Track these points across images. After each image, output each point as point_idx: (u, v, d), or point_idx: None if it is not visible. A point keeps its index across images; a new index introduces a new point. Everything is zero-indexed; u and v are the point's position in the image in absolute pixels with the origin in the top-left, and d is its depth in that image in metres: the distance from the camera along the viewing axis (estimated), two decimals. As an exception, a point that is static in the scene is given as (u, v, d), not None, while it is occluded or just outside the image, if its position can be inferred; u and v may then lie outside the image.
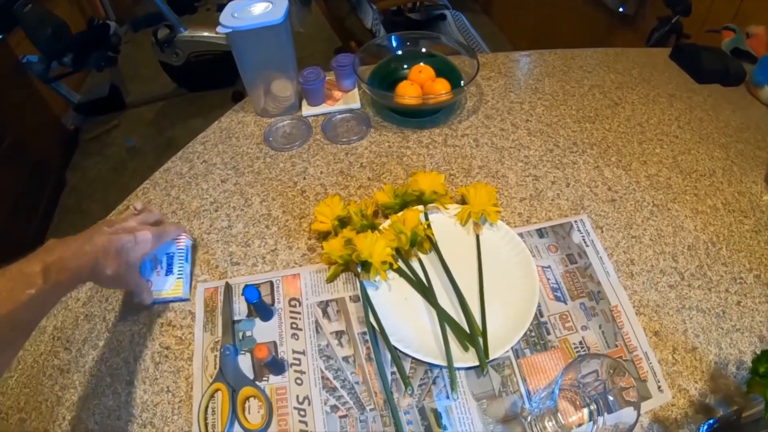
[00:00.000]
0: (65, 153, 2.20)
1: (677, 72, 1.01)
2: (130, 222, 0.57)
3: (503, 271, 0.63)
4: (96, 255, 0.49)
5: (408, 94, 0.82)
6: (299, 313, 0.60)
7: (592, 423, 0.47)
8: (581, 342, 0.58)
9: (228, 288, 0.62)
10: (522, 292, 0.60)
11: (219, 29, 0.74)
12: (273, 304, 0.61)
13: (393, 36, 0.93)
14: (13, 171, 1.77)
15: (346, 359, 0.56)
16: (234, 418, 0.52)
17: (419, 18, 2.05)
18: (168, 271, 0.62)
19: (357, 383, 0.54)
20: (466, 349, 0.55)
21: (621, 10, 1.75)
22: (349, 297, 0.62)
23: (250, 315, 0.60)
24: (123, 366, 0.57)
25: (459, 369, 0.55)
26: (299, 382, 0.55)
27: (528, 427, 0.50)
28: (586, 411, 0.47)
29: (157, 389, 0.55)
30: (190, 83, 2.47)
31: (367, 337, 0.57)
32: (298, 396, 0.54)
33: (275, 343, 0.58)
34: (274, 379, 0.55)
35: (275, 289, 0.63)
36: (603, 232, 0.69)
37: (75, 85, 2.41)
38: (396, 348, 0.55)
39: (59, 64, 1.97)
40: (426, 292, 0.60)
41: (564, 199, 0.73)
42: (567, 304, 0.61)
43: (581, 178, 0.76)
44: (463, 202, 0.69)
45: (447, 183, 0.75)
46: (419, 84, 0.84)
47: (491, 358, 0.54)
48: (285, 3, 0.76)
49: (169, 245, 0.63)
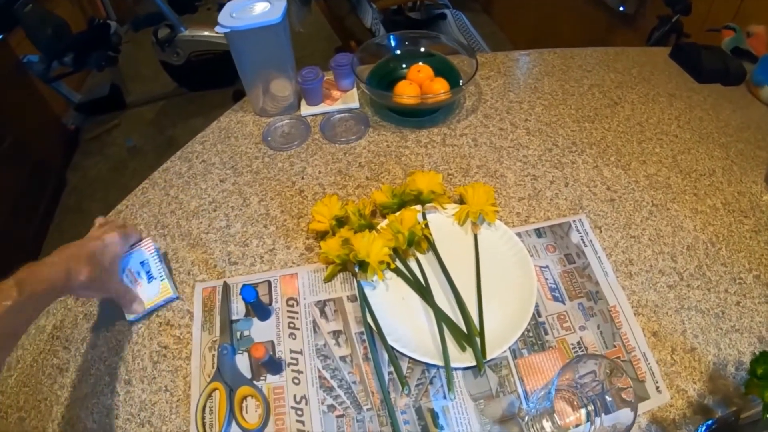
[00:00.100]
0: (66, 153, 2.20)
1: (677, 71, 1.00)
2: (94, 232, 0.59)
3: (501, 271, 0.63)
4: (67, 263, 0.50)
5: (406, 93, 0.82)
6: (297, 313, 0.60)
7: (589, 423, 0.46)
8: (579, 342, 0.57)
9: (226, 287, 0.62)
10: (520, 292, 0.60)
11: (217, 29, 0.74)
12: (271, 303, 0.61)
13: (392, 35, 0.93)
14: (14, 170, 1.77)
15: (343, 359, 0.56)
16: (231, 417, 0.52)
17: (419, 17, 2.04)
18: (149, 278, 0.61)
19: (354, 383, 0.54)
20: (463, 349, 0.55)
21: (621, 9, 1.75)
22: (347, 297, 0.62)
23: (247, 314, 0.60)
24: (121, 365, 0.57)
25: (456, 369, 0.55)
26: (296, 381, 0.55)
27: (525, 428, 0.50)
28: (583, 411, 0.47)
29: (155, 388, 0.55)
30: (190, 83, 2.47)
31: (365, 337, 0.57)
32: (295, 395, 0.54)
33: (273, 343, 0.58)
34: (271, 379, 0.55)
35: (273, 289, 0.63)
36: (602, 231, 0.69)
37: (75, 85, 2.41)
38: (393, 348, 0.55)
39: (60, 63, 1.97)
40: (423, 291, 0.60)
41: (562, 199, 0.73)
42: (565, 304, 0.61)
43: (580, 177, 0.76)
44: (462, 201, 0.69)
45: (445, 183, 0.75)
46: (418, 83, 0.84)
47: (489, 358, 0.54)
48: (283, 3, 0.76)
49: (141, 254, 0.63)
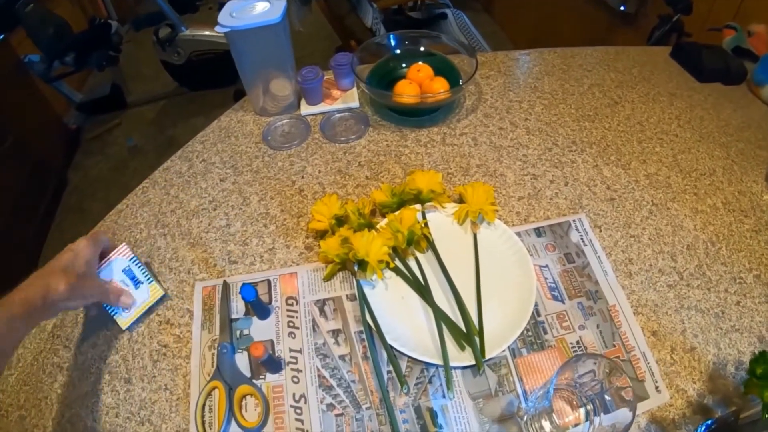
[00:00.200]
0: (67, 152, 2.21)
1: (678, 70, 1.00)
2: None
3: (500, 270, 0.63)
4: (43, 279, 0.50)
5: (406, 92, 0.82)
6: (296, 312, 0.60)
7: (588, 423, 0.46)
8: (578, 341, 0.57)
9: (226, 286, 0.62)
10: (519, 291, 0.60)
11: (217, 29, 0.74)
12: (270, 302, 0.61)
13: (392, 35, 0.93)
14: (15, 170, 1.77)
15: (342, 358, 0.56)
16: (231, 416, 0.52)
17: (420, 17, 2.04)
18: (136, 284, 0.61)
19: (353, 382, 0.55)
20: (462, 348, 0.55)
21: (622, 8, 1.75)
22: (346, 296, 0.62)
23: (247, 313, 0.60)
24: (122, 364, 0.57)
25: (455, 368, 0.55)
26: (296, 380, 0.55)
27: (524, 427, 0.50)
28: (582, 411, 0.47)
29: (155, 387, 0.55)
30: (191, 82, 2.48)
31: (364, 336, 0.57)
32: (294, 394, 0.54)
33: (272, 342, 0.58)
34: (270, 378, 0.55)
35: (272, 288, 0.63)
36: (601, 231, 0.69)
37: (77, 85, 2.42)
38: (392, 347, 0.55)
39: (61, 63, 1.98)
40: (423, 290, 0.60)
41: (562, 198, 0.73)
42: (564, 303, 0.61)
43: (580, 177, 0.76)
44: (461, 201, 0.69)
45: (445, 182, 0.75)
46: (418, 83, 0.84)
47: (488, 357, 0.54)
48: (283, 2, 0.76)
49: (120, 262, 0.61)
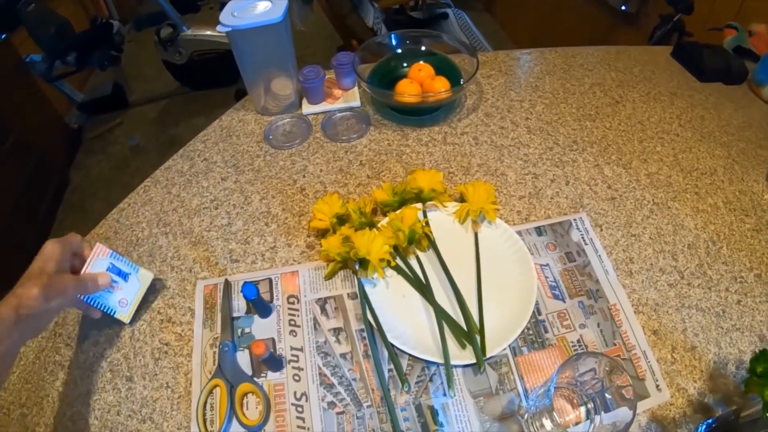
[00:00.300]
0: (68, 151, 2.21)
1: (679, 70, 1.00)
2: None
3: (501, 269, 0.63)
4: (13, 293, 0.48)
5: (407, 92, 0.82)
6: (297, 310, 0.60)
7: (589, 421, 0.46)
8: (579, 340, 0.57)
9: (227, 285, 0.62)
10: (520, 290, 0.60)
11: (219, 28, 0.74)
12: (272, 301, 0.62)
13: (393, 34, 0.93)
14: (17, 169, 1.77)
15: (343, 356, 0.56)
16: (232, 413, 0.52)
17: (421, 17, 2.05)
18: (125, 277, 0.59)
19: (354, 380, 0.55)
20: (463, 347, 0.55)
21: (623, 8, 1.75)
22: (347, 294, 0.62)
23: (248, 312, 0.61)
24: (123, 362, 0.57)
25: (456, 366, 0.55)
26: (297, 378, 0.55)
27: (525, 425, 0.50)
28: (583, 409, 0.47)
29: (157, 385, 0.55)
30: (193, 82, 2.48)
31: (365, 335, 0.57)
32: (295, 392, 0.54)
33: (273, 340, 0.58)
34: (272, 376, 0.55)
35: (274, 286, 0.63)
36: (602, 230, 0.69)
37: (78, 84, 2.42)
38: (393, 345, 0.55)
39: (62, 63, 1.98)
40: (424, 289, 0.60)
41: (563, 198, 0.73)
42: (565, 302, 0.61)
43: (581, 176, 0.76)
44: (462, 200, 0.69)
45: (446, 181, 0.75)
46: (419, 82, 0.84)
47: (488, 355, 0.54)
48: (285, 2, 0.76)
49: (102, 262, 0.58)
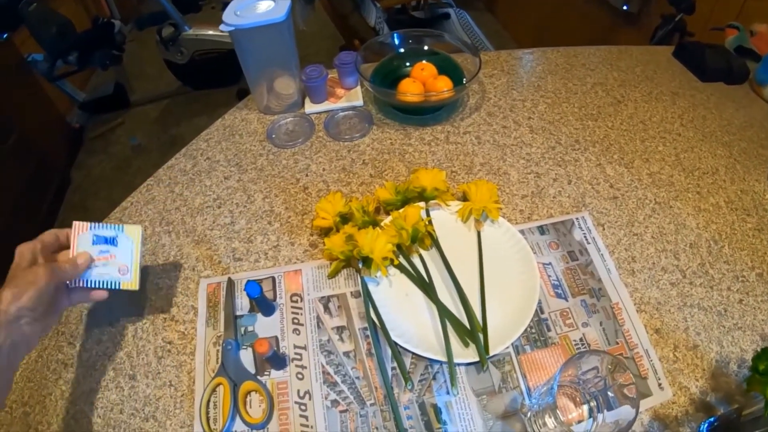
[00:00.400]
0: (70, 151, 2.21)
1: (680, 70, 1.00)
2: None
3: (504, 268, 0.63)
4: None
5: (410, 91, 0.82)
6: (301, 309, 0.61)
7: (591, 420, 0.47)
8: (582, 339, 0.58)
9: (230, 283, 0.63)
10: (523, 288, 0.60)
11: (222, 27, 0.74)
12: (275, 299, 0.62)
13: (395, 33, 0.93)
14: (18, 169, 1.77)
15: (347, 354, 0.57)
16: (235, 412, 0.52)
17: (423, 16, 2.05)
18: (113, 243, 0.56)
19: (357, 378, 0.55)
20: (466, 345, 0.55)
21: (625, 8, 1.75)
22: (351, 293, 0.62)
23: (252, 310, 0.61)
24: (126, 360, 0.57)
25: (459, 365, 0.55)
26: (300, 376, 0.55)
27: (528, 424, 0.50)
28: (586, 407, 0.47)
29: (160, 383, 0.55)
30: (194, 81, 2.48)
31: (368, 333, 0.57)
32: (299, 390, 0.54)
33: (277, 338, 0.58)
34: (275, 374, 0.55)
35: (277, 285, 0.63)
36: (604, 229, 0.69)
37: (80, 84, 2.42)
38: (396, 343, 0.55)
39: (64, 62, 1.98)
40: (427, 288, 0.60)
41: (565, 197, 0.73)
42: (568, 300, 0.61)
43: (583, 175, 0.76)
44: (465, 198, 0.70)
45: (449, 180, 0.75)
46: (421, 81, 0.84)
47: (491, 354, 0.55)
48: (287, 1, 0.76)
49: (85, 238, 0.55)
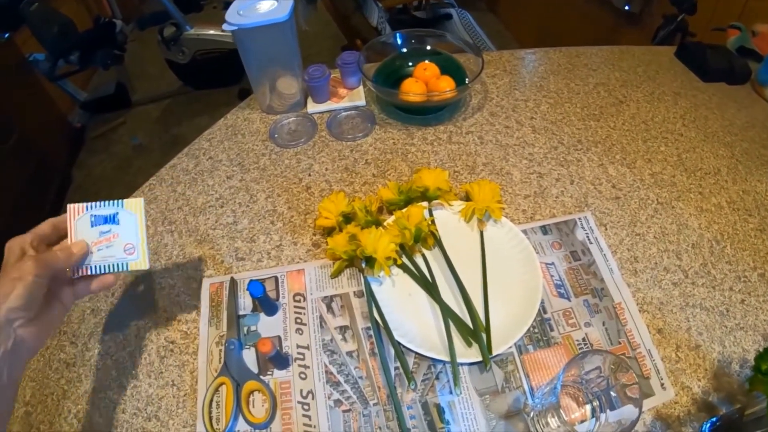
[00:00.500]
0: (71, 150, 2.21)
1: (682, 70, 1.00)
2: None
3: (507, 268, 0.63)
4: None
5: (413, 91, 0.82)
6: (304, 308, 0.61)
7: (594, 419, 0.47)
8: (584, 339, 0.58)
9: (233, 283, 0.63)
10: (525, 288, 0.60)
11: (225, 27, 0.74)
12: (278, 299, 0.62)
13: (398, 33, 0.93)
14: (19, 168, 1.77)
15: (350, 354, 0.57)
16: (238, 411, 0.52)
17: (425, 17, 2.05)
18: (114, 222, 0.51)
19: (360, 378, 0.55)
20: (469, 345, 0.56)
21: (627, 8, 1.75)
22: (354, 292, 0.62)
23: (254, 310, 0.61)
24: (128, 360, 0.57)
25: (462, 364, 0.55)
26: (303, 376, 0.55)
27: (531, 423, 0.50)
28: (588, 407, 0.47)
29: (162, 383, 0.55)
30: (196, 81, 2.48)
31: (371, 332, 0.57)
32: (302, 390, 0.54)
33: (280, 338, 0.58)
34: (278, 374, 0.55)
35: (280, 285, 0.63)
36: (607, 229, 0.69)
37: (81, 83, 2.42)
38: (399, 343, 0.55)
39: (65, 62, 1.98)
40: (430, 287, 0.60)
41: (568, 197, 0.73)
42: (570, 300, 0.61)
43: (585, 175, 0.76)
44: (468, 198, 0.70)
45: (451, 180, 0.75)
46: (424, 81, 0.84)
47: (494, 353, 0.55)
48: (290, 1, 0.77)
49: (83, 222, 0.51)
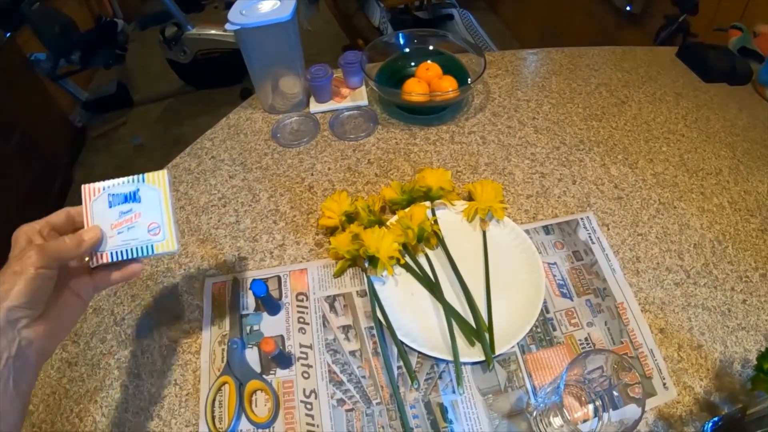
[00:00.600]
0: (72, 150, 2.21)
1: (684, 71, 1.00)
2: None
3: (509, 268, 0.63)
4: None
5: (415, 91, 0.82)
6: (306, 308, 0.61)
7: (597, 419, 0.47)
8: (587, 338, 0.58)
9: (236, 282, 0.63)
10: (528, 288, 0.60)
11: (227, 26, 0.74)
12: (280, 298, 0.62)
13: (401, 33, 0.93)
14: (21, 168, 1.77)
15: (352, 353, 0.57)
16: (241, 411, 0.52)
17: (426, 17, 2.05)
18: (135, 200, 0.46)
19: (363, 377, 0.55)
20: (472, 344, 0.56)
21: (628, 8, 1.75)
22: (356, 292, 0.62)
23: (257, 309, 0.61)
24: (131, 359, 0.57)
25: (465, 364, 0.55)
26: (306, 375, 0.55)
27: (533, 423, 0.50)
28: (591, 407, 0.47)
29: (165, 382, 0.55)
30: (197, 81, 2.48)
31: (374, 332, 0.57)
32: (304, 389, 0.54)
33: (282, 337, 0.58)
34: (281, 373, 0.55)
35: (283, 284, 0.63)
36: (609, 229, 0.69)
37: (83, 83, 2.42)
38: (402, 342, 0.55)
39: (67, 61, 1.99)
40: (433, 287, 0.61)
41: (570, 197, 0.73)
42: (573, 300, 0.61)
43: (588, 175, 0.76)
44: (470, 198, 0.70)
45: (454, 180, 0.75)
46: (426, 81, 0.84)
47: (497, 353, 0.55)
48: (293, 0, 0.77)
49: (101, 204, 0.46)
